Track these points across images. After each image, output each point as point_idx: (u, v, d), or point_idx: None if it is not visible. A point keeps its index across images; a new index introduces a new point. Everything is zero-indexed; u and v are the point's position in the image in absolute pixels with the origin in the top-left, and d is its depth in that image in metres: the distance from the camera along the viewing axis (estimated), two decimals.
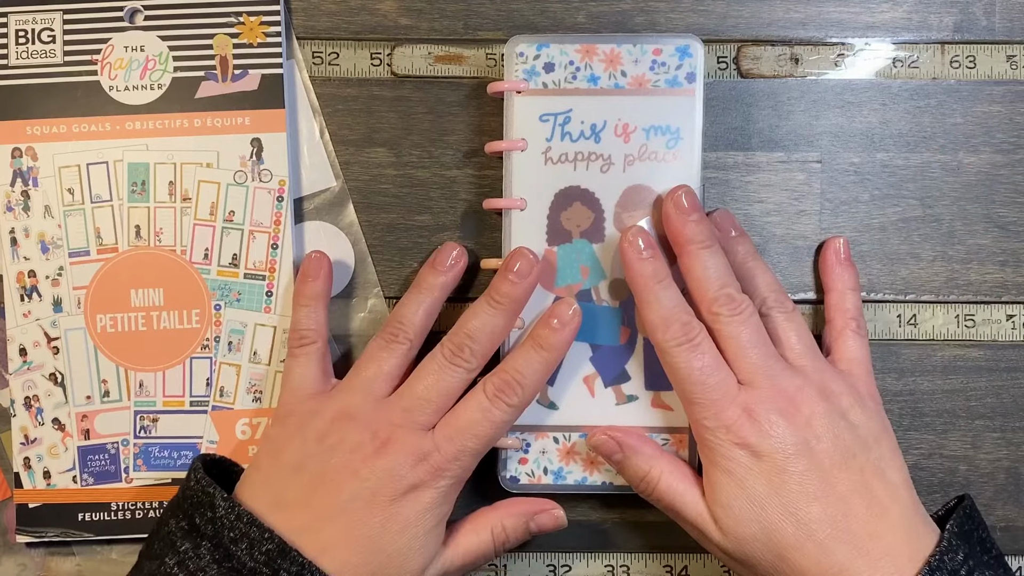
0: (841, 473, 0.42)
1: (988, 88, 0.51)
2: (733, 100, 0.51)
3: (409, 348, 0.46)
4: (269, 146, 0.51)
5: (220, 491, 0.42)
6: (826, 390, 0.44)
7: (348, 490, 0.43)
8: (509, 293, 0.45)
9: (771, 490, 0.42)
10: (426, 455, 0.43)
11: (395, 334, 0.46)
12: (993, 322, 0.51)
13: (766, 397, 0.43)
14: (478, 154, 0.51)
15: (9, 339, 0.51)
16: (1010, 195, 0.51)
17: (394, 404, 0.44)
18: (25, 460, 0.51)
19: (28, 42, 0.51)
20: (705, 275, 0.45)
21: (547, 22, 0.52)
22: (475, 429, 0.44)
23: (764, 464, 0.42)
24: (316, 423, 0.44)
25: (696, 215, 0.45)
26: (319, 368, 0.47)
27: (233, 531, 0.41)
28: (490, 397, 0.44)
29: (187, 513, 0.42)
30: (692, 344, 0.44)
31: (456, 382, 0.45)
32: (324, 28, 0.52)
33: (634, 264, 0.45)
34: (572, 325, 0.45)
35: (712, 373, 0.43)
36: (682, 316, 0.44)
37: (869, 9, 0.52)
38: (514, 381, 0.44)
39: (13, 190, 0.51)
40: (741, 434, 0.42)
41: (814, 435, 0.42)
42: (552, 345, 0.45)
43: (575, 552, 0.52)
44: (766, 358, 0.44)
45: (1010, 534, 0.51)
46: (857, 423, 0.44)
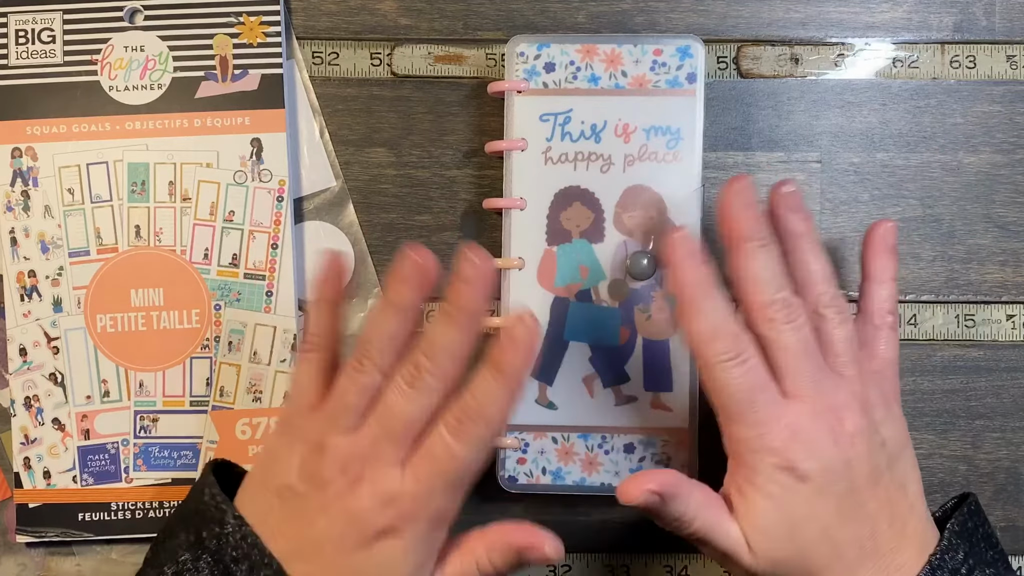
0: (871, 492, 0.41)
1: (988, 88, 0.51)
2: (733, 100, 0.51)
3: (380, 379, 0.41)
4: (269, 146, 0.51)
5: (232, 509, 0.41)
6: (866, 402, 0.42)
7: (320, 528, 0.40)
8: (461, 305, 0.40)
9: (810, 513, 0.40)
10: (393, 498, 0.40)
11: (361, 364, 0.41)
12: (993, 322, 0.51)
13: (814, 414, 0.41)
14: (478, 154, 0.51)
15: (9, 339, 0.51)
16: (1010, 195, 0.51)
17: (362, 435, 0.41)
18: (25, 460, 0.51)
19: (28, 42, 0.51)
20: (761, 276, 0.42)
21: (547, 22, 0.52)
22: (441, 467, 0.40)
23: (806, 487, 0.40)
24: (299, 448, 0.41)
25: (756, 209, 0.42)
26: (320, 378, 0.43)
27: (236, 550, 0.40)
28: (452, 432, 0.40)
29: (196, 527, 0.42)
30: (740, 360, 0.41)
31: (418, 409, 0.40)
32: (324, 28, 0.52)
33: (684, 269, 0.41)
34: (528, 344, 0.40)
35: (761, 389, 0.41)
36: (732, 328, 0.41)
37: (869, 9, 0.51)
38: (474, 413, 0.40)
39: (13, 190, 0.51)
40: (787, 456, 0.40)
41: (855, 454, 0.41)
42: (507, 370, 0.40)
43: (575, 552, 0.52)
44: (817, 369, 0.41)
45: (1010, 534, 0.51)
46: (887, 437, 0.42)
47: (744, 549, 0.41)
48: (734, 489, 0.42)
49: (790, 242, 0.44)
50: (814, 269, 0.43)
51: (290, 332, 0.51)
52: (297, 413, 0.43)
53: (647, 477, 0.41)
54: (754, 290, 0.42)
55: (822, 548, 0.40)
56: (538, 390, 0.49)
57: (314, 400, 0.42)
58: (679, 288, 0.41)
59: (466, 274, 0.40)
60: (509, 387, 0.40)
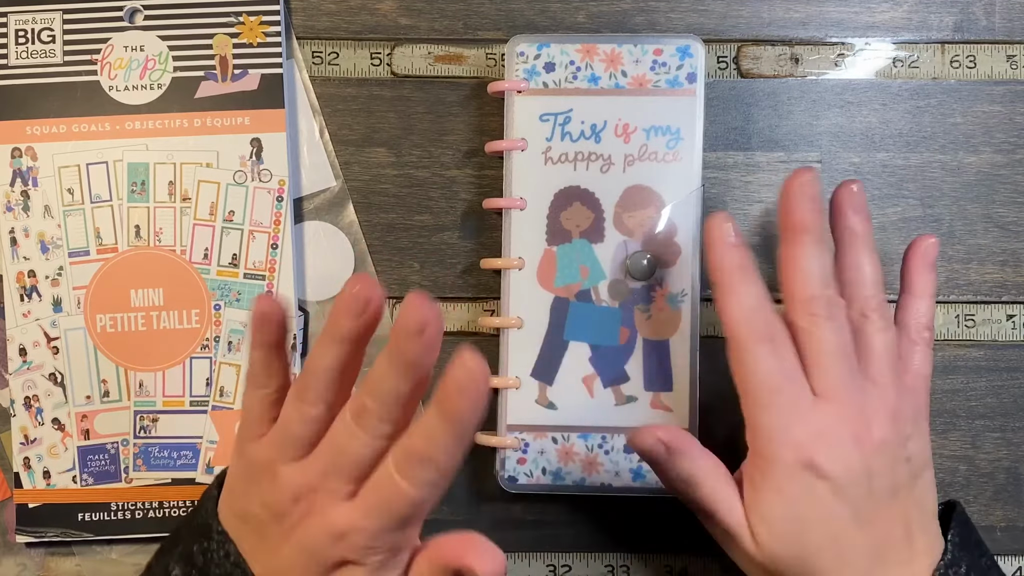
0: (888, 505, 0.41)
1: (988, 88, 0.51)
2: (733, 100, 0.51)
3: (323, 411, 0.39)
4: (269, 146, 0.51)
5: (217, 524, 0.40)
6: (897, 414, 0.41)
7: (284, 556, 0.39)
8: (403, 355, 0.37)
9: (821, 515, 0.40)
10: (344, 534, 0.38)
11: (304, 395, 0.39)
12: (993, 322, 0.51)
13: (844, 417, 0.40)
14: (478, 154, 0.51)
15: (9, 339, 0.51)
16: (1010, 195, 0.51)
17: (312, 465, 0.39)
18: (25, 460, 0.51)
19: (28, 42, 0.51)
20: (811, 269, 0.41)
21: (547, 22, 0.52)
22: (391, 506, 0.38)
23: (824, 486, 0.40)
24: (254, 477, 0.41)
25: (819, 204, 0.41)
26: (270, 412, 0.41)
27: (219, 568, 0.39)
28: (399, 471, 0.37)
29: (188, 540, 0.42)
30: (774, 344, 0.40)
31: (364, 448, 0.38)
32: (324, 28, 0.52)
33: (721, 251, 0.41)
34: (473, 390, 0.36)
35: (791, 380, 0.40)
36: (767, 313, 0.41)
37: (869, 9, 0.51)
38: (422, 456, 0.37)
39: (13, 190, 0.51)
40: (809, 454, 0.40)
41: (878, 464, 0.40)
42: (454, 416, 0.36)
43: (575, 552, 0.52)
44: (851, 372, 0.41)
45: (1010, 534, 0.51)
46: (912, 454, 0.42)
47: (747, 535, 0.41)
48: (747, 478, 0.42)
49: (848, 240, 0.44)
50: (866, 271, 0.43)
51: (290, 332, 0.51)
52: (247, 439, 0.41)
53: (659, 427, 0.42)
54: (802, 282, 0.41)
55: (829, 552, 0.40)
56: (538, 390, 0.49)
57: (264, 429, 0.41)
58: (716, 269, 0.41)
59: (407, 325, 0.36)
60: (456, 434, 0.37)
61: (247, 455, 0.41)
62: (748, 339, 0.41)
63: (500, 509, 0.52)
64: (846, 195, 0.44)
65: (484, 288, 0.52)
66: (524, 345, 0.49)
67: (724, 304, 0.41)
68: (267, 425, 0.41)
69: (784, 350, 0.41)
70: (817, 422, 0.40)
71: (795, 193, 0.42)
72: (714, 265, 0.42)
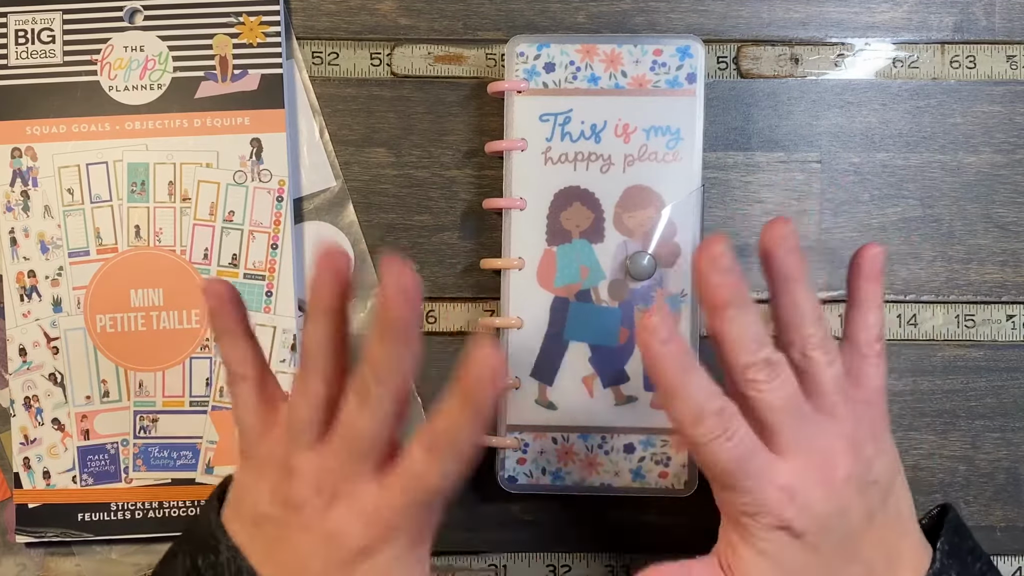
0: (865, 536, 0.41)
1: (988, 88, 0.51)
2: (733, 100, 0.51)
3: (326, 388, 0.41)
4: (269, 146, 0.51)
5: (227, 539, 0.40)
6: (856, 442, 0.41)
7: (304, 551, 0.40)
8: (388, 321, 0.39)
9: (805, 566, 0.40)
10: (372, 513, 0.39)
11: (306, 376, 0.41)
12: (993, 322, 0.51)
13: (805, 468, 0.40)
14: (478, 154, 0.51)
15: (9, 339, 0.51)
16: (1010, 195, 0.51)
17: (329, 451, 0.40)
18: (25, 460, 0.51)
19: (28, 42, 0.51)
20: (742, 339, 0.40)
21: (547, 22, 0.52)
22: (416, 483, 0.39)
23: (801, 543, 0.40)
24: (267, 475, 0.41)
25: (734, 274, 0.40)
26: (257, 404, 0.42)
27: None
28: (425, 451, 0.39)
29: (192, 552, 0.41)
30: (727, 435, 0.40)
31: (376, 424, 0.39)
32: (324, 28, 0.52)
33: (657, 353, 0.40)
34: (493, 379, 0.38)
35: (751, 458, 0.40)
36: (715, 405, 0.40)
37: (869, 9, 0.51)
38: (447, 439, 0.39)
39: (13, 190, 0.51)
40: (782, 516, 0.40)
41: (848, 502, 0.40)
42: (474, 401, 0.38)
43: (575, 552, 0.52)
44: (801, 422, 0.41)
45: (1010, 534, 0.51)
46: (878, 474, 0.42)
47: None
48: (727, 546, 0.42)
49: (782, 284, 0.42)
50: (805, 310, 0.42)
51: (290, 332, 0.51)
52: (252, 443, 0.42)
53: None
54: (736, 352, 0.40)
55: None
56: (538, 390, 0.49)
57: (262, 426, 0.42)
58: (655, 375, 0.40)
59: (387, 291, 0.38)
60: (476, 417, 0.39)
61: (256, 455, 0.41)
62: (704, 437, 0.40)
63: (500, 509, 0.52)
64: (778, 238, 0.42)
65: (484, 288, 0.52)
66: (524, 345, 0.49)
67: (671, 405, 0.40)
68: (261, 419, 0.42)
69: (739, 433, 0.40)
70: (783, 484, 0.40)
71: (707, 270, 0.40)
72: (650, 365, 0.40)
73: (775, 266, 0.42)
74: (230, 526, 0.41)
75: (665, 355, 0.40)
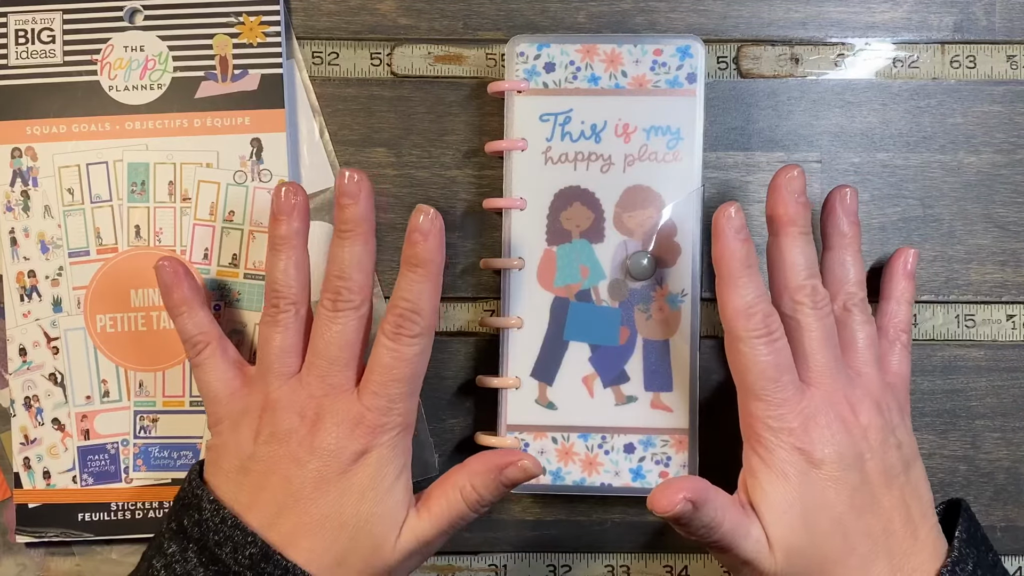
0: (886, 490, 0.42)
1: (988, 88, 0.51)
2: (733, 100, 0.51)
3: (295, 313, 0.44)
4: (269, 146, 0.51)
5: (208, 493, 0.42)
6: (881, 403, 0.43)
7: (295, 478, 0.42)
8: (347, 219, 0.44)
9: (823, 500, 0.41)
10: (359, 418, 0.42)
11: (276, 304, 0.44)
12: (993, 322, 0.51)
13: (830, 402, 0.42)
14: (478, 154, 0.51)
15: (9, 339, 0.51)
16: (1010, 195, 0.51)
17: (307, 376, 0.43)
18: (25, 460, 0.51)
19: (28, 42, 0.51)
20: (797, 261, 0.44)
21: (547, 22, 0.52)
22: (393, 374, 0.42)
23: (820, 472, 0.41)
24: (246, 421, 0.43)
25: (805, 198, 0.44)
26: (225, 366, 0.46)
27: (217, 534, 0.41)
28: (391, 337, 0.43)
29: (177, 515, 0.42)
30: (771, 338, 0.42)
31: (350, 329, 0.43)
32: (324, 28, 0.52)
33: (729, 243, 0.43)
34: (434, 231, 0.43)
35: (785, 371, 0.42)
36: (766, 307, 0.43)
37: (869, 9, 0.51)
38: (408, 312, 0.43)
39: (13, 190, 0.51)
40: (803, 439, 0.41)
41: (868, 448, 0.42)
42: (424, 259, 0.43)
43: (575, 552, 0.52)
44: (835, 360, 0.43)
45: (1010, 534, 0.51)
46: (902, 441, 0.43)
47: (765, 550, 0.41)
48: (749, 472, 0.43)
49: (836, 241, 0.46)
50: (851, 270, 0.46)
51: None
52: (221, 405, 0.45)
53: (678, 485, 0.40)
54: (789, 272, 0.44)
55: (835, 539, 0.41)
56: (538, 390, 0.49)
57: (229, 387, 0.45)
58: (721, 260, 0.43)
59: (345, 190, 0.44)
60: (430, 276, 0.43)
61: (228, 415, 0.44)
62: (747, 331, 0.42)
63: (500, 509, 0.52)
64: (840, 199, 0.46)
65: (484, 288, 0.52)
66: (524, 345, 0.49)
67: (726, 296, 0.43)
68: (232, 377, 0.45)
69: (780, 340, 0.42)
70: (806, 409, 0.42)
71: (783, 187, 0.44)
72: (719, 255, 0.43)
73: (834, 222, 0.46)
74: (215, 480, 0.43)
75: (736, 244, 0.43)
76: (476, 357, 0.52)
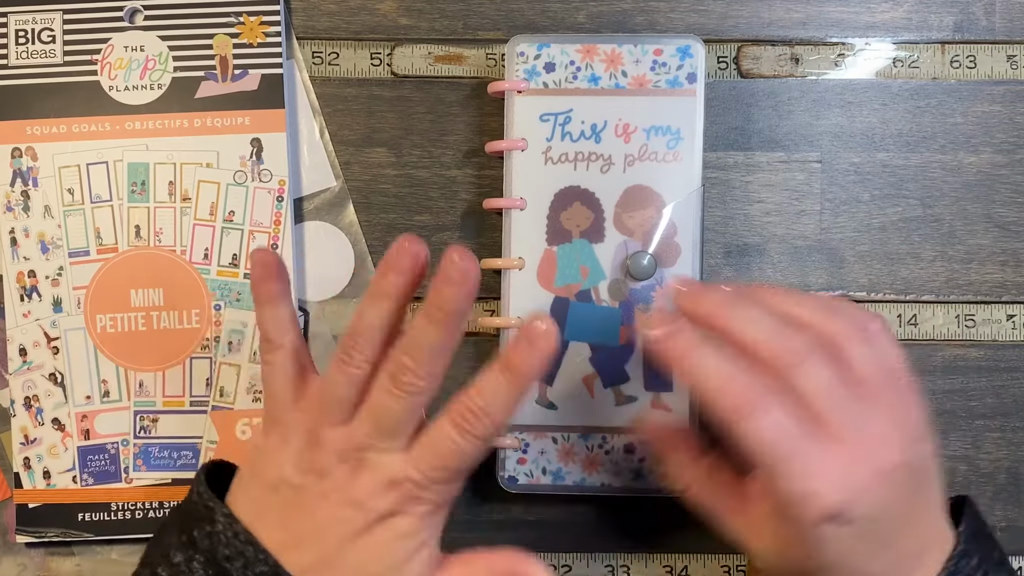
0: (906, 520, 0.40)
1: (988, 88, 0.51)
2: (733, 100, 0.51)
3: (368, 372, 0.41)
4: (269, 146, 0.51)
5: (221, 506, 0.41)
6: (907, 426, 0.40)
7: (321, 516, 0.40)
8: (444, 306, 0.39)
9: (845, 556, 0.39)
10: (398, 482, 0.40)
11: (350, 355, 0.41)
12: (993, 322, 0.51)
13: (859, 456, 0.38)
14: (478, 154, 0.51)
15: (9, 339, 0.51)
16: (1010, 195, 0.51)
17: (357, 429, 0.41)
18: (25, 460, 0.51)
19: (28, 42, 0.51)
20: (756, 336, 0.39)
21: (547, 22, 0.52)
22: (445, 459, 0.40)
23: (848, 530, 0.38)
24: (292, 442, 0.42)
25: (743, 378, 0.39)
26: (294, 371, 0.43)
27: (228, 548, 0.40)
28: (456, 427, 0.40)
29: (186, 526, 0.42)
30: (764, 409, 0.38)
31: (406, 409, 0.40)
32: (324, 28, 0.52)
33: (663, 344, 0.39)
34: (544, 346, 0.39)
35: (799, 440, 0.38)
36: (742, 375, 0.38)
37: (869, 9, 0.51)
38: (479, 410, 0.40)
39: (13, 190, 0.51)
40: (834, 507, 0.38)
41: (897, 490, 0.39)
42: (520, 370, 0.39)
43: (575, 552, 0.52)
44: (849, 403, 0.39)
45: (1010, 534, 0.51)
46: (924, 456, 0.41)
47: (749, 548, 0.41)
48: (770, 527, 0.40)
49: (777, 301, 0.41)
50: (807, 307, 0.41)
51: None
52: (282, 409, 0.43)
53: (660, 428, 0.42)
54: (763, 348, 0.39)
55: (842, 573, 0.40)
56: (538, 390, 0.49)
57: (293, 395, 0.43)
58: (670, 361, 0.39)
59: (449, 274, 0.39)
60: (519, 387, 0.40)
61: (284, 422, 0.42)
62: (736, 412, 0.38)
63: (500, 509, 0.52)
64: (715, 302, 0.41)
65: (484, 288, 0.51)
66: None
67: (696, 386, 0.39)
68: (295, 388, 0.43)
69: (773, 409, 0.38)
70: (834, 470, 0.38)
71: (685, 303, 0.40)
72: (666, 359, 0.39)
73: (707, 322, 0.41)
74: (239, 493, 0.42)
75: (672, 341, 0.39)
76: (476, 357, 0.52)
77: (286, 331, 0.44)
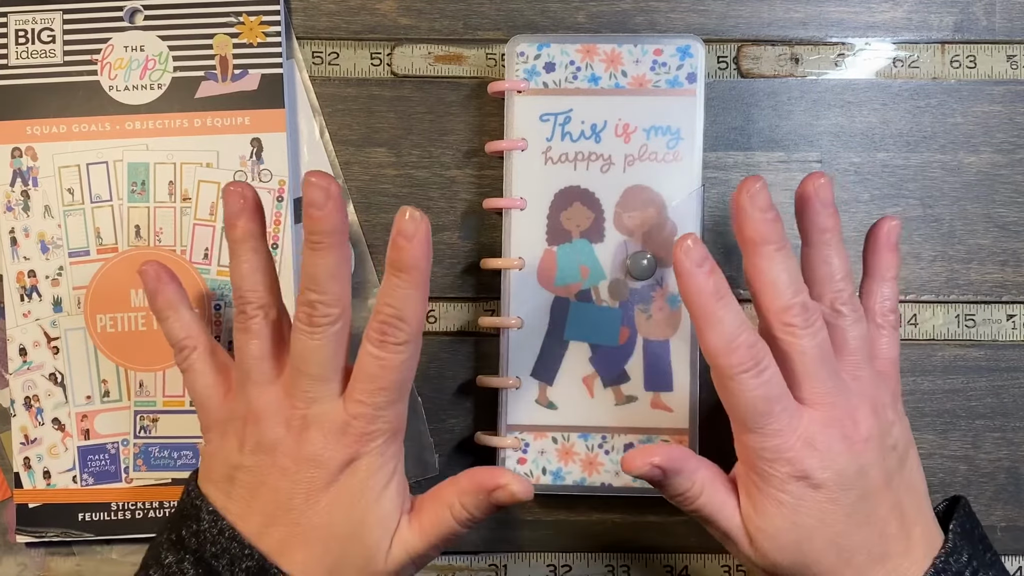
0: (882, 496, 0.41)
1: (988, 88, 0.51)
2: (733, 100, 0.51)
3: (264, 317, 0.42)
4: (269, 146, 0.51)
5: (207, 504, 0.41)
6: (877, 405, 0.42)
7: (283, 488, 0.41)
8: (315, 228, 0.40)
9: (821, 521, 0.40)
10: (345, 427, 0.41)
11: (244, 311, 0.42)
12: (993, 322, 0.51)
13: (829, 421, 0.40)
14: (478, 154, 0.51)
15: (9, 339, 0.51)
16: (1010, 195, 0.51)
17: (291, 388, 0.41)
18: (25, 460, 0.51)
19: (28, 42, 0.51)
20: (779, 279, 0.40)
21: (547, 22, 0.52)
22: (379, 382, 0.41)
23: (819, 494, 0.40)
24: (232, 430, 0.42)
25: (773, 212, 0.41)
26: (213, 371, 0.44)
27: (215, 546, 0.40)
28: (376, 345, 0.41)
29: (176, 525, 0.42)
30: (758, 369, 0.40)
31: (329, 344, 0.41)
32: (324, 28, 0.52)
33: (693, 279, 0.40)
34: (420, 233, 0.40)
35: (778, 400, 0.40)
36: (748, 337, 0.40)
37: (869, 9, 0.51)
38: (393, 319, 0.40)
39: (13, 190, 0.51)
40: (802, 466, 0.40)
41: (868, 460, 0.40)
42: (408, 265, 0.40)
43: (575, 552, 0.52)
44: (831, 375, 0.41)
45: (1010, 534, 0.51)
46: (897, 439, 0.42)
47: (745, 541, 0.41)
48: (743, 491, 0.42)
49: (816, 236, 0.43)
50: (835, 266, 0.42)
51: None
52: (215, 409, 0.44)
53: (653, 451, 0.41)
54: (772, 294, 0.41)
55: (829, 555, 0.40)
56: (538, 390, 0.49)
57: (218, 392, 0.44)
58: (689, 299, 0.40)
59: (313, 197, 0.40)
60: (416, 282, 0.40)
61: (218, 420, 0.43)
62: (731, 368, 0.40)
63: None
64: (812, 189, 0.42)
65: (484, 288, 0.52)
66: (524, 345, 0.49)
67: (704, 334, 0.40)
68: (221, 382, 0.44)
69: (768, 371, 0.40)
70: (805, 433, 0.40)
71: (746, 206, 0.41)
72: (686, 293, 0.40)
73: (811, 216, 0.43)
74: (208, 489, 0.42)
75: (701, 279, 0.40)
76: (476, 357, 0.52)
77: (193, 332, 0.45)
